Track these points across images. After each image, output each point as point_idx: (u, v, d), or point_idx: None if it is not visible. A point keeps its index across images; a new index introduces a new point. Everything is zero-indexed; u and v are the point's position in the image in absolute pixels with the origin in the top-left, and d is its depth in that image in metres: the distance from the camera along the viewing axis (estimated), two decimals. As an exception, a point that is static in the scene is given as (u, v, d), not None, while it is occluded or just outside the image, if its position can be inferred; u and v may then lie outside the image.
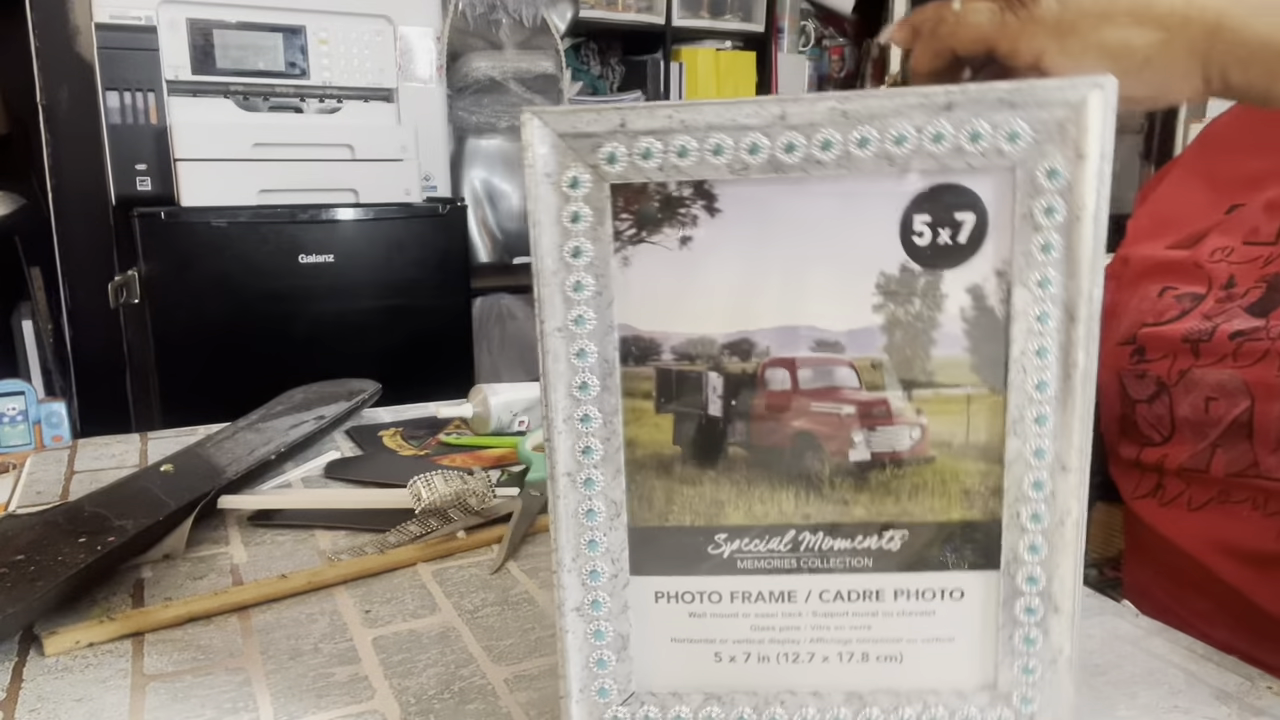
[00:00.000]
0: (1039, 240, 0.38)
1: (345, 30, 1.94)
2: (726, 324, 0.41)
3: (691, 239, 0.40)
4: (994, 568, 0.41)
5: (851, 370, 0.41)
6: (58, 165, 1.87)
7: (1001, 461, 0.40)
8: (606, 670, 0.44)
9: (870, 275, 0.40)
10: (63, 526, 0.63)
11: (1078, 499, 0.39)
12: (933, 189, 0.39)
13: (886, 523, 0.42)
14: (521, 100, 2.44)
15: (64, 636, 0.54)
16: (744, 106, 0.38)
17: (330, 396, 0.98)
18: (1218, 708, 0.49)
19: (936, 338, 0.40)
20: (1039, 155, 0.37)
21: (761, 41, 2.97)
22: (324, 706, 0.49)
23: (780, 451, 0.42)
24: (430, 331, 2.03)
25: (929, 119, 0.37)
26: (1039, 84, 0.36)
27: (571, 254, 0.40)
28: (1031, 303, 0.38)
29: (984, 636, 0.42)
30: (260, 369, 1.82)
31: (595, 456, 0.42)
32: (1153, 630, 0.57)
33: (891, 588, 0.42)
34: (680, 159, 0.39)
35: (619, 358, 0.41)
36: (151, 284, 1.78)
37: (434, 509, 0.69)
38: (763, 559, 0.43)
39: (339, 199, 1.94)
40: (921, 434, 0.41)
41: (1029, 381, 0.39)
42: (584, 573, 0.43)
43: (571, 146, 0.39)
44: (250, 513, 0.74)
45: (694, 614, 0.44)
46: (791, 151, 0.38)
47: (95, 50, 1.75)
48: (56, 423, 0.91)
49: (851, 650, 0.43)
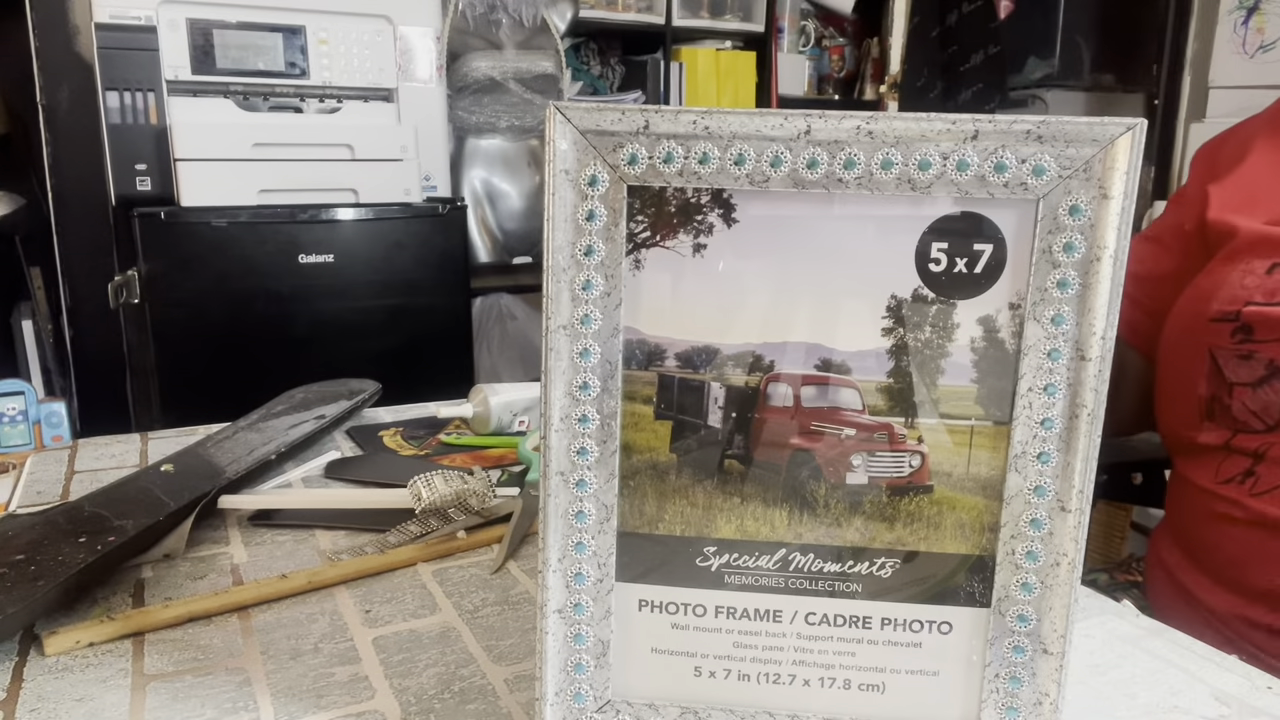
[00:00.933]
0: (1056, 276, 0.38)
1: (345, 30, 1.94)
2: (733, 335, 0.40)
3: (706, 247, 0.40)
4: (985, 604, 0.41)
5: (856, 392, 0.40)
6: (58, 165, 1.87)
7: (1000, 497, 0.40)
8: (584, 675, 0.43)
9: (882, 299, 0.39)
10: (63, 526, 0.63)
11: (1075, 541, 0.39)
12: (953, 217, 0.38)
13: (879, 549, 0.41)
14: (521, 100, 2.44)
15: (64, 636, 0.54)
16: (770, 118, 0.38)
17: (330, 396, 0.98)
18: (1218, 708, 0.49)
19: (945, 366, 0.39)
20: (1063, 191, 0.37)
21: (761, 41, 2.97)
22: (324, 706, 0.49)
23: (777, 468, 0.41)
24: (430, 331, 2.03)
25: (955, 147, 0.37)
26: (1068, 120, 0.36)
27: (584, 252, 0.40)
28: (1044, 339, 0.38)
29: (969, 673, 0.41)
30: (260, 369, 1.82)
31: (590, 458, 0.42)
32: (1153, 630, 0.57)
33: (879, 616, 0.42)
34: (701, 165, 0.39)
35: (622, 360, 0.41)
36: (151, 284, 1.78)
37: (434, 509, 0.69)
38: (751, 575, 0.42)
39: (339, 199, 1.94)
40: (922, 462, 0.40)
41: (1034, 418, 0.39)
42: (569, 575, 0.42)
43: (593, 144, 0.39)
44: (250, 513, 0.74)
45: (677, 625, 0.43)
46: (814, 168, 0.38)
47: (95, 50, 1.75)
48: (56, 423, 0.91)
49: (834, 676, 0.43)
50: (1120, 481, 1.22)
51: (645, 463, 0.42)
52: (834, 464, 0.41)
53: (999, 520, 0.40)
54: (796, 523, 0.42)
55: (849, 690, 0.42)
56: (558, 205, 0.39)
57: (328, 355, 1.92)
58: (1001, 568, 0.40)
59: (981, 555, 0.41)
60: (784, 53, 3.12)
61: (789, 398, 0.41)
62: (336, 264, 1.92)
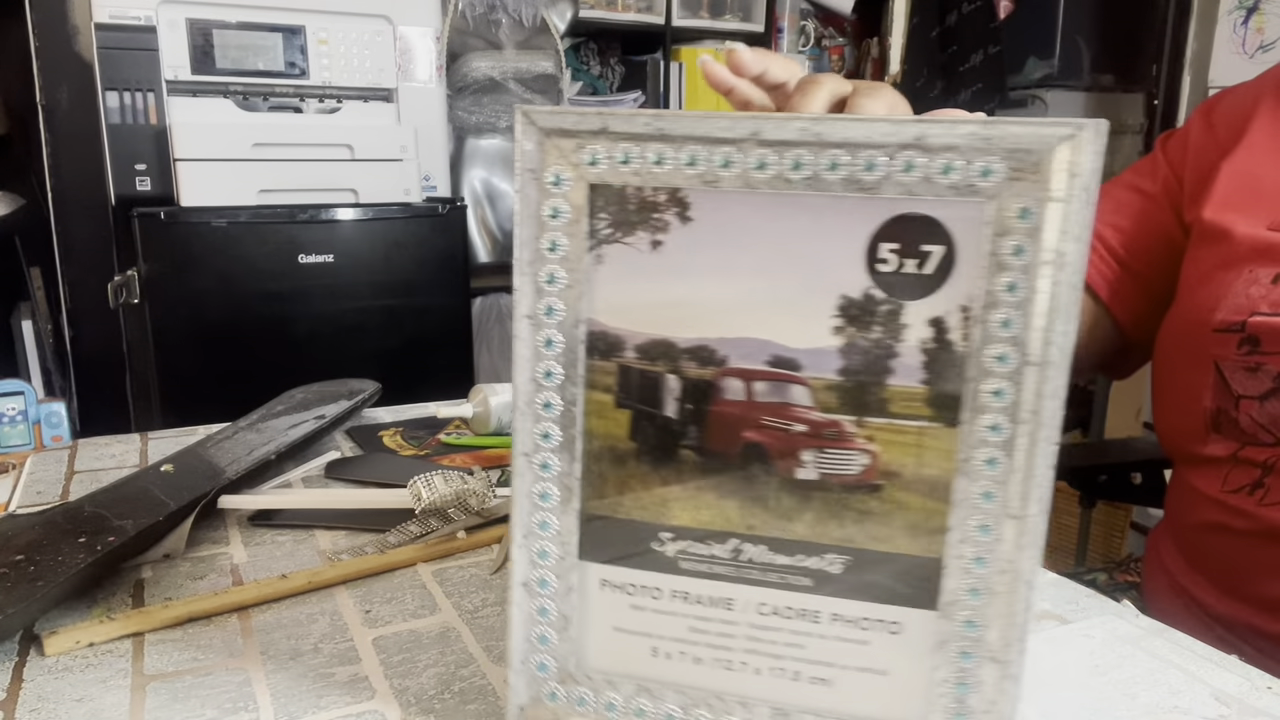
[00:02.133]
0: (1004, 280, 0.37)
1: (345, 30, 1.94)
2: (688, 329, 0.41)
3: (663, 243, 0.41)
4: (933, 608, 0.40)
5: (807, 389, 0.41)
6: (57, 165, 1.87)
7: (949, 500, 0.39)
8: (547, 647, 0.45)
9: (833, 297, 0.39)
10: (63, 526, 0.63)
11: (1023, 549, 0.38)
12: (902, 218, 0.38)
13: (828, 545, 0.41)
14: (521, 100, 2.44)
15: (64, 636, 0.54)
16: (719, 120, 0.39)
17: (330, 396, 0.98)
18: (1218, 708, 0.49)
19: (894, 367, 0.39)
20: (1012, 194, 0.36)
21: (761, 41, 2.97)
22: (324, 706, 0.49)
23: (729, 459, 0.42)
24: (430, 331, 2.03)
25: (901, 149, 0.37)
26: (1016, 122, 0.36)
27: (548, 247, 0.42)
28: (992, 342, 0.37)
29: (916, 675, 0.41)
30: (260, 369, 1.82)
31: (553, 442, 0.43)
32: (1153, 630, 0.57)
33: (828, 611, 0.42)
34: (656, 166, 0.40)
35: (585, 351, 0.42)
36: (151, 284, 1.78)
37: (434, 509, 0.69)
38: (704, 563, 0.43)
39: (339, 199, 1.94)
40: (871, 461, 0.40)
41: (982, 422, 0.38)
42: (534, 551, 0.44)
43: (556, 145, 0.41)
44: (250, 513, 0.74)
45: (635, 606, 0.44)
46: (763, 169, 0.39)
47: (95, 50, 1.75)
48: (56, 423, 0.91)
49: (783, 667, 0.43)
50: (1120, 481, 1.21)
51: (606, 449, 0.43)
52: (784, 459, 0.41)
53: (947, 524, 0.39)
54: (748, 514, 0.42)
55: (798, 682, 0.43)
56: (524, 203, 0.42)
57: (328, 355, 1.92)
58: (950, 572, 0.39)
59: (930, 558, 0.40)
60: (784, 53, 3.12)
61: (741, 392, 0.41)
62: (336, 264, 1.92)
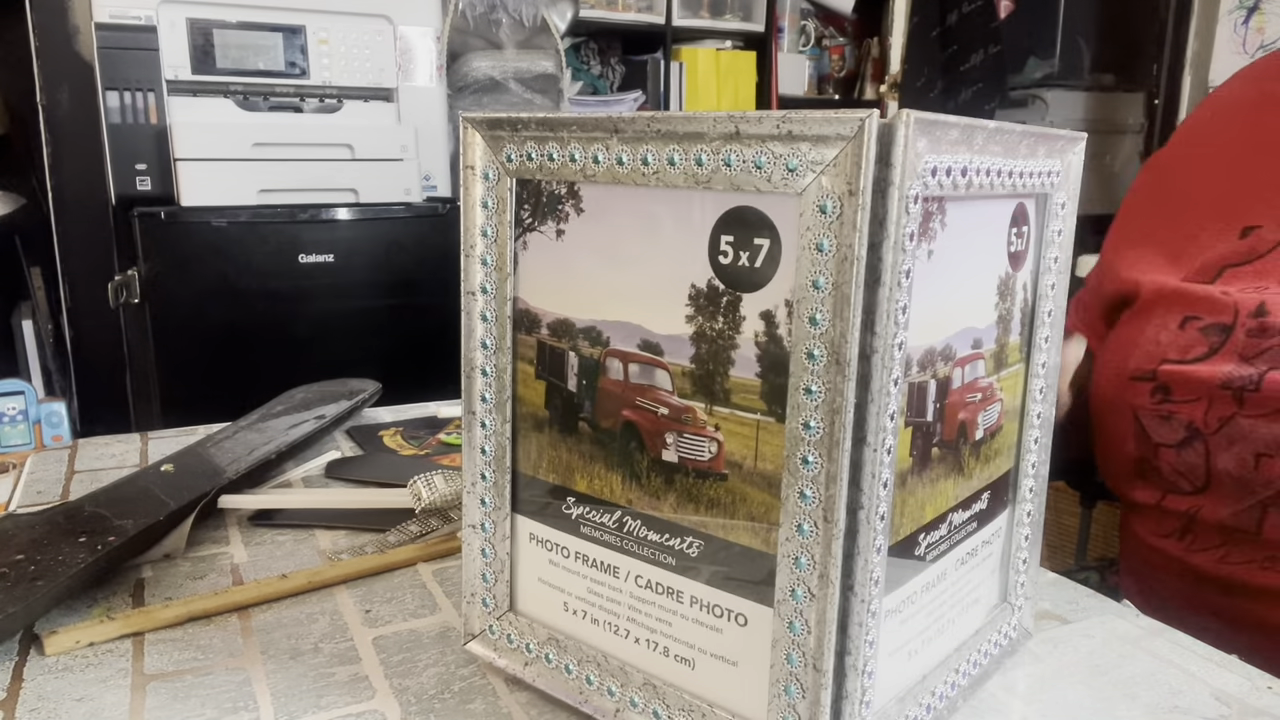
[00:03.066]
0: (812, 275, 0.36)
1: (345, 30, 1.94)
2: (584, 311, 0.45)
3: (564, 232, 0.46)
4: (770, 604, 0.40)
5: (667, 374, 0.42)
6: (58, 165, 1.86)
7: (780, 496, 0.39)
8: (488, 586, 0.51)
9: (684, 287, 0.41)
10: (63, 526, 0.63)
11: (836, 555, 0.37)
12: (735, 210, 0.39)
13: (686, 528, 0.43)
14: (521, 100, 2.44)
15: (64, 636, 0.54)
16: (587, 119, 0.43)
17: (330, 396, 0.98)
18: (1218, 708, 0.49)
19: (734, 358, 0.40)
20: (816, 188, 0.36)
21: (761, 41, 2.97)
22: (324, 706, 0.49)
23: (613, 434, 0.45)
24: (430, 331, 2.03)
25: (722, 143, 0.38)
26: (815, 115, 0.35)
27: (483, 233, 0.48)
28: (803, 339, 0.37)
29: (761, 670, 0.41)
30: (260, 369, 1.82)
31: (489, 404, 0.49)
32: (1153, 630, 0.57)
33: (689, 593, 0.43)
34: (550, 162, 0.45)
35: (512, 325, 0.48)
36: (151, 284, 1.78)
37: (434, 509, 0.69)
38: (597, 529, 0.46)
39: (339, 199, 1.94)
40: (718, 449, 0.41)
41: (797, 419, 0.38)
42: (478, 499, 0.51)
43: (488, 145, 0.47)
44: (250, 512, 0.74)
45: (552, 561, 0.49)
46: (621, 165, 0.42)
47: (95, 50, 1.75)
48: (56, 423, 0.91)
49: (656, 640, 0.45)
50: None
51: (530, 415, 0.49)
52: (653, 439, 0.43)
53: (779, 519, 0.39)
54: (629, 489, 0.45)
55: (667, 658, 0.45)
56: (467, 195, 0.48)
57: (328, 355, 1.92)
58: (780, 570, 0.39)
59: (768, 553, 0.40)
60: (784, 52, 3.12)
61: (620, 372, 0.44)
62: (336, 264, 1.92)
